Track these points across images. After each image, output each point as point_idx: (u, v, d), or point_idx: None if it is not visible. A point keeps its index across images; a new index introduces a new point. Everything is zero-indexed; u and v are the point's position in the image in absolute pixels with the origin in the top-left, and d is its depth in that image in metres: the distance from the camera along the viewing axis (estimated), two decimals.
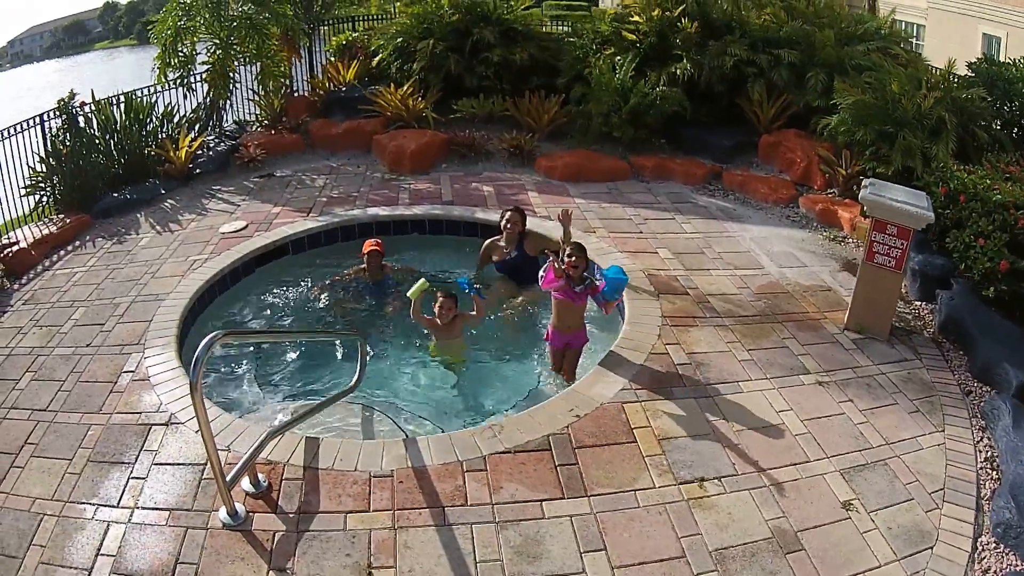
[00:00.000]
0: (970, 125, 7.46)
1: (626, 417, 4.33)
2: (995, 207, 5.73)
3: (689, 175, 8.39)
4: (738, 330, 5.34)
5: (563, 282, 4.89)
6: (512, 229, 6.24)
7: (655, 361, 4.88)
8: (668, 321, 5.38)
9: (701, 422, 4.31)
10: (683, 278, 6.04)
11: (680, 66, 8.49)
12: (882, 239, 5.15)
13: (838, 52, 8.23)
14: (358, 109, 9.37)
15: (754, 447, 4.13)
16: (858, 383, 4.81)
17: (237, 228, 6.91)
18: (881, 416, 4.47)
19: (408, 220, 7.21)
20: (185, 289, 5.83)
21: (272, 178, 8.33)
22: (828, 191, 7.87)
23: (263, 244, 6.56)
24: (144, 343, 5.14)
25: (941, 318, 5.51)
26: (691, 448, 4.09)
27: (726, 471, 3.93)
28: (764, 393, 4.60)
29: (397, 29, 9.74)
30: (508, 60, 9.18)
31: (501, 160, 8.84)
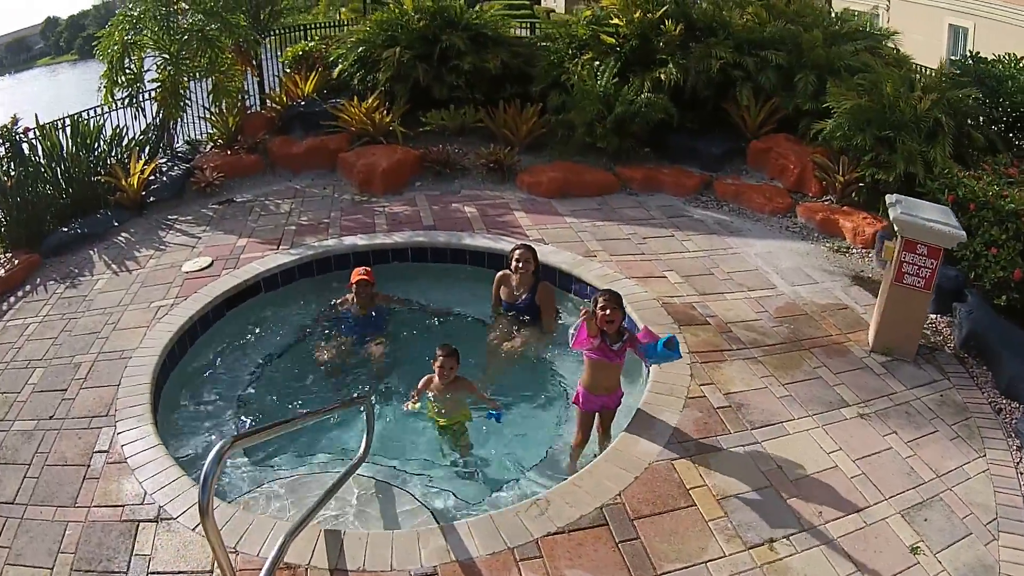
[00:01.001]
0: (965, 126, 7.43)
1: (678, 477, 4.14)
2: (1008, 215, 5.74)
3: (680, 186, 8.17)
4: (768, 362, 5.23)
5: (598, 340, 4.42)
6: (525, 269, 5.88)
7: (693, 406, 4.70)
8: (696, 357, 5.21)
9: (756, 474, 4.19)
10: (699, 305, 5.88)
11: (665, 71, 8.26)
12: (912, 259, 5.08)
13: (827, 53, 8.12)
14: (320, 125, 8.93)
15: (813, 496, 4.04)
16: (897, 412, 4.79)
17: (202, 266, 6.47)
18: (926, 446, 4.49)
19: (389, 249, 6.85)
20: (153, 344, 5.38)
21: (232, 204, 7.89)
22: (824, 198, 7.79)
23: (233, 285, 6.14)
24: (114, 414, 4.68)
25: (963, 334, 5.51)
26: (752, 505, 3.97)
27: (792, 527, 3.83)
28: (810, 433, 4.52)
29: (359, 37, 9.30)
30: (480, 68, 8.83)
31: (479, 176, 8.47)
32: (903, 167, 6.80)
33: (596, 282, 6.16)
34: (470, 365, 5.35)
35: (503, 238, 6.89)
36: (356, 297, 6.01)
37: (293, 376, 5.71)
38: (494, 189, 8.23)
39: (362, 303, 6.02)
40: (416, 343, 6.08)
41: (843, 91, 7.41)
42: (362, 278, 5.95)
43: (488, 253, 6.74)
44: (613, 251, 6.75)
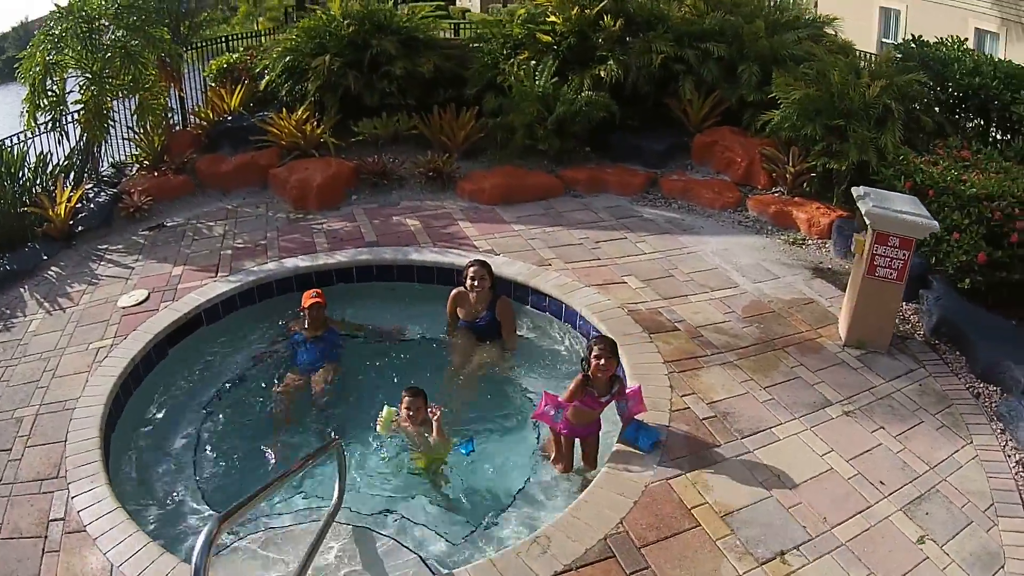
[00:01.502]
0: (914, 111, 7.43)
1: (678, 496, 3.96)
2: (969, 200, 5.78)
3: (625, 185, 8.00)
4: (745, 366, 5.10)
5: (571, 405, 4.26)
6: (481, 286, 5.64)
7: (680, 420, 4.53)
8: (673, 367, 5.02)
9: (754, 485, 4.07)
10: (665, 310, 5.72)
11: (606, 67, 8.10)
12: (884, 251, 5.04)
13: (770, 43, 8.06)
14: (249, 140, 8.56)
15: (815, 502, 3.96)
16: (881, 406, 4.75)
17: (138, 300, 6.05)
18: (914, 439, 4.46)
19: (332, 270, 6.49)
20: (96, 392, 4.94)
21: (163, 229, 7.47)
22: (774, 190, 7.73)
23: (173, 320, 5.73)
24: (65, 475, 4.23)
25: (933, 321, 5.55)
26: (757, 519, 3.85)
27: (800, 537, 3.73)
28: (800, 436, 4.42)
29: (285, 47, 8.88)
30: (412, 73, 8.55)
31: (418, 186, 8.15)
32: (856, 156, 6.76)
33: (555, 292, 5.97)
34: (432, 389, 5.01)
35: (451, 251, 6.62)
36: (308, 320, 5.71)
37: (248, 412, 5.35)
38: (434, 198, 7.91)
39: (315, 326, 5.72)
40: (370, 368, 5.78)
41: (789, 81, 7.33)
42: (315, 301, 5.68)
43: (437, 268, 6.49)
44: (567, 258, 6.53)
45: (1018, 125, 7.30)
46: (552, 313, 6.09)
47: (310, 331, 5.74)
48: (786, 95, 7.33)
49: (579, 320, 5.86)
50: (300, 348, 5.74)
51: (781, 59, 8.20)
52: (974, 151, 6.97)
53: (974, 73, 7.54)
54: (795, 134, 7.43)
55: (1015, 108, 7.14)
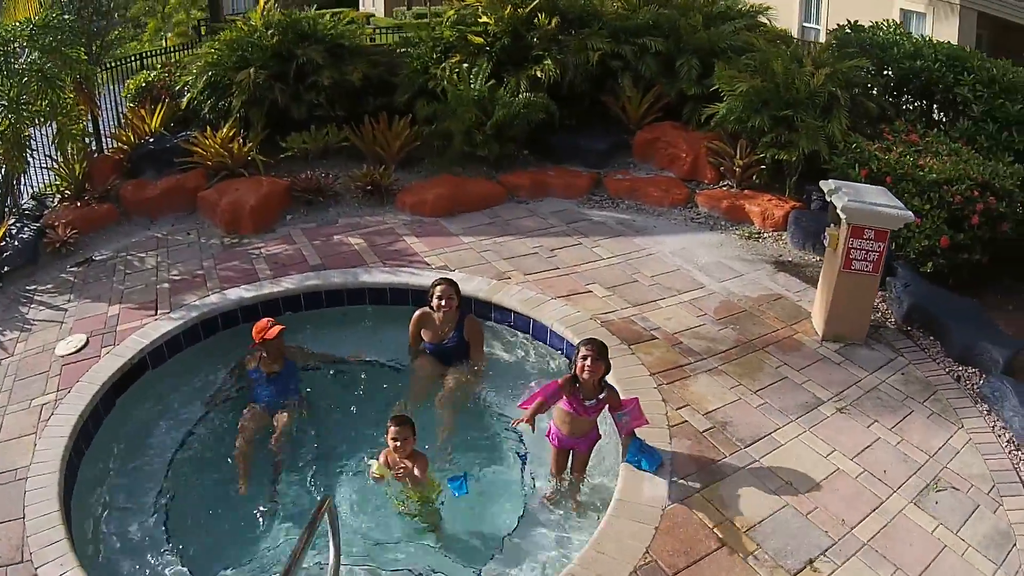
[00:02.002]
0: (858, 98, 7.41)
1: (697, 517, 3.85)
2: (929, 186, 5.88)
3: (570, 188, 7.78)
4: (731, 371, 5.04)
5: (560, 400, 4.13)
6: (448, 306, 5.31)
7: (680, 435, 4.42)
8: (660, 378, 4.90)
9: (769, 496, 4.03)
10: (638, 318, 5.60)
11: (544, 67, 7.89)
12: (859, 244, 5.05)
13: (708, 35, 8.00)
14: (173, 162, 8.06)
15: (830, 505, 3.97)
16: (870, 400, 4.81)
17: (77, 346, 5.58)
18: (909, 430, 4.54)
19: (279, 298, 6.10)
20: (47, 457, 4.42)
21: (92, 264, 6.96)
22: (722, 184, 7.66)
23: (117, 367, 5.26)
24: (31, 558, 3.75)
25: (903, 308, 5.65)
26: (779, 530, 3.81)
27: (824, 543, 3.73)
28: (800, 439, 4.40)
29: (206, 62, 8.39)
30: (340, 82, 8.18)
31: (355, 201, 7.75)
32: (807, 145, 6.74)
33: (520, 308, 5.74)
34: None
35: (403, 270, 6.28)
36: (265, 354, 5.29)
37: (213, 460, 4.90)
38: (374, 214, 7.53)
39: (271, 359, 5.30)
40: (332, 401, 5.42)
41: (733, 73, 7.26)
42: (268, 332, 5.22)
43: (390, 288, 6.17)
44: (525, 269, 6.28)
45: (962, 106, 7.33)
46: (518, 329, 5.83)
47: (267, 366, 5.31)
48: (730, 87, 7.28)
49: (550, 335, 5.61)
50: (258, 386, 5.30)
51: (720, 51, 8.12)
52: (921, 134, 7.03)
53: (915, 56, 7.57)
54: (741, 126, 7.37)
55: (959, 90, 7.17)
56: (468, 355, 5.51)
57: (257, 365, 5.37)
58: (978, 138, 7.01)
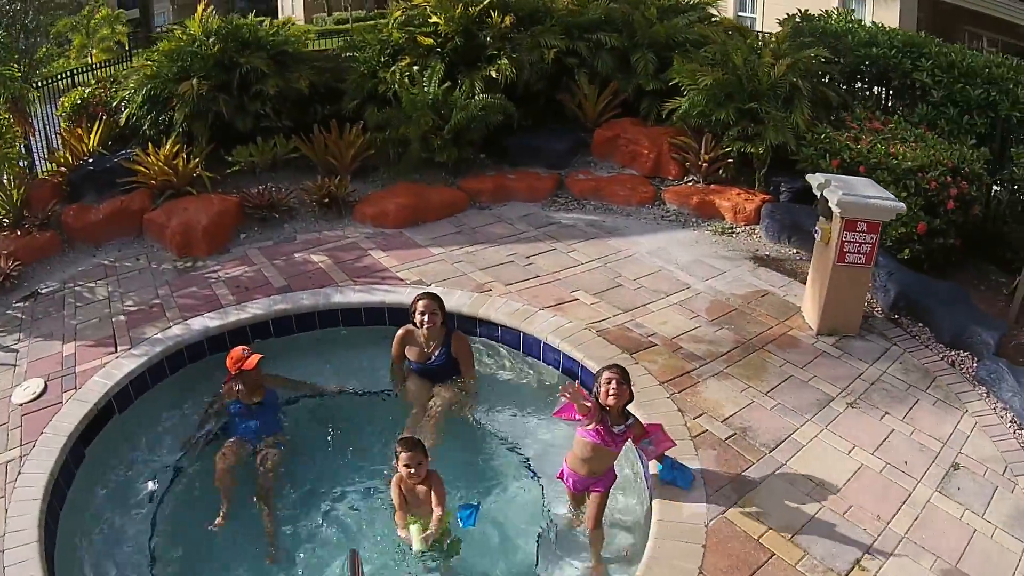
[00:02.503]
0: (818, 87, 7.43)
1: (742, 530, 3.81)
2: (904, 174, 5.97)
3: (533, 190, 7.61)
4: (737, 373, 5.02)
5: (592, 422, 3.95)
6: (432, 322, 5.06)
7: (705, 445, 4.37)
8: (670, 387, 4.83)
9: (804, 500, 4.04)
10: (632, 325, 5.50)
11: (499, 67, 7.67)
12: (852, 237, 5.09)
13: (664, 28, 7.92)
14: (115, 183, 7.59)
15: (863, 502, 4.02)
16: (877, 392, 4.88)
17: (35, 393, 5.14)
18: (919, 419, 4.66)
19: (247, 326, 5.75)
20: (23, 524, 4.01)
21: (39, 297, 6.51)
22: (686, 180, 7.61)
23: (82, 414, 4.83)
24: None
25: (890, 296, 5.74)
26: (821, 533, 3.83)
27: (865, 541, 3.77)
28: (820, 438, 4.43)
29: (144, 74, 7.94)
30: (285, 91, 7.86)
31: (311, 216, 7.43)
32: (774, 138, 6.76)
33: (509, 321, 5.54)
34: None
35: (376, 287, 6.01)
36: (243, 385, 4.95)
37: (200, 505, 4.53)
38: (333, 228, 7.21)
39: (250, 390, 4.97)
40: (318, 435, 5.09)
41: (695, 67, 7.20)
42: (245, 363, 4.89)
43: (364, 308, 5.89)
44: (505, 279, 6.10)
45: (919, 92, 7.39)
46: (507, 343, 5.61)
47: (247, 397, 4.97)
48: (692, 81, 7.19)
49: (543, 348, 5.41)
50: (239, 420, 4.95)
51: (675, 45, 8.03)
52: (883, 121, 7.10)
53: (870, 44, 7.61)
54: (705, 120, 7.30)
55: (916, 75, 7.22)
56: (456, 373, 5.25)
57: (236, 398, 5.00)
58: (938, 122, 7.07)
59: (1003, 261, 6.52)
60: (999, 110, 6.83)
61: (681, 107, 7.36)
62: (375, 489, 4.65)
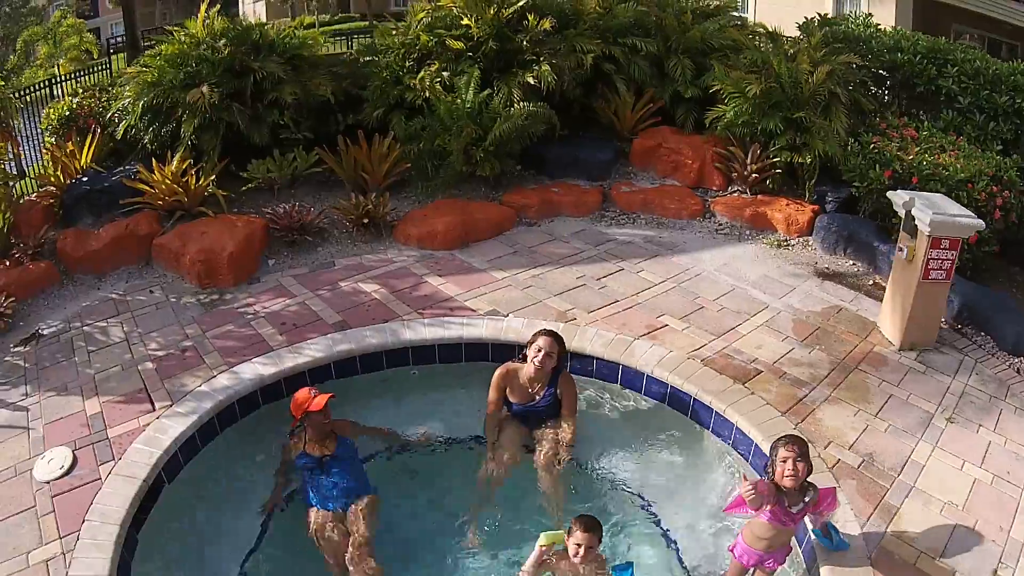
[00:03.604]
0: (854, 94, 7.74)
1: (900, 557, 4.29)
2: (956, 185, 6.40)
3: (580, 205, 7.53)
4: (844, 396, 5.34)
5: (769, 506, 3.96)
6: (545, 364, 4.92)
7: (842, 475, 4.76)
8: (792, 417, 5.12)
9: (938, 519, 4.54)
10: (731, 351, 5.70)
11: (540, 72, 7.63)
12: (936, 255, 5.59)
13: (700, 33, 8.11)
14: (113, 204, 7.19)
15: (984, 515, 4.54)
16: (966, 404, 5.36)
17: (63, 467, 4.64)
18: (1007, 429, 5.20)
19: (306, 371, 5.48)
20: None
21: (40, 339, 6.05)
22: (731, 190, 7.78)
23: (130, 495, 4.43)
24: None
25: (955, 307, 6.23)
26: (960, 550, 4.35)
27: (996, 551, 4.36)
28: (935, 457, 4.92)
29: (144, 81, 7.52)
30: (304, 99, 7.59)
31: (345, 237, 7.22)
32: (822, 147, 7.05)
33: (605, 354, 5.58)
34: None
35: (449, 321, 5.89)
36: (310, 434, 4.66)
37: None
38: (374, 251, 6.99)
39: (320, 438, 4.72)
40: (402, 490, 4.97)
41: (740, 74, 7.43)
42: (312, 404, 4.69)
43: (439, 344, 5.73)
44: (584, 305, 6.08)
45: (944, 98, 7.77)
46: (602, 378, 5.58)
47: (316, 448, 4.68)
48: (738, 89, 7.32)
49: (646, 382, 5.41)
50: (312, 477, 4.65)
51: (710, 50, 8.20)
52: (915, 128, 7.48)
53: (895, 49, 7.92)
54: (751, 130, 7.48)
55: (942, 82, 7.59)
56: (557, 415, 5.14)
57: (303, 450, 4.66)
58: (965, 128, 7.47)
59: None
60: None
61: (726, 116, 7.45)
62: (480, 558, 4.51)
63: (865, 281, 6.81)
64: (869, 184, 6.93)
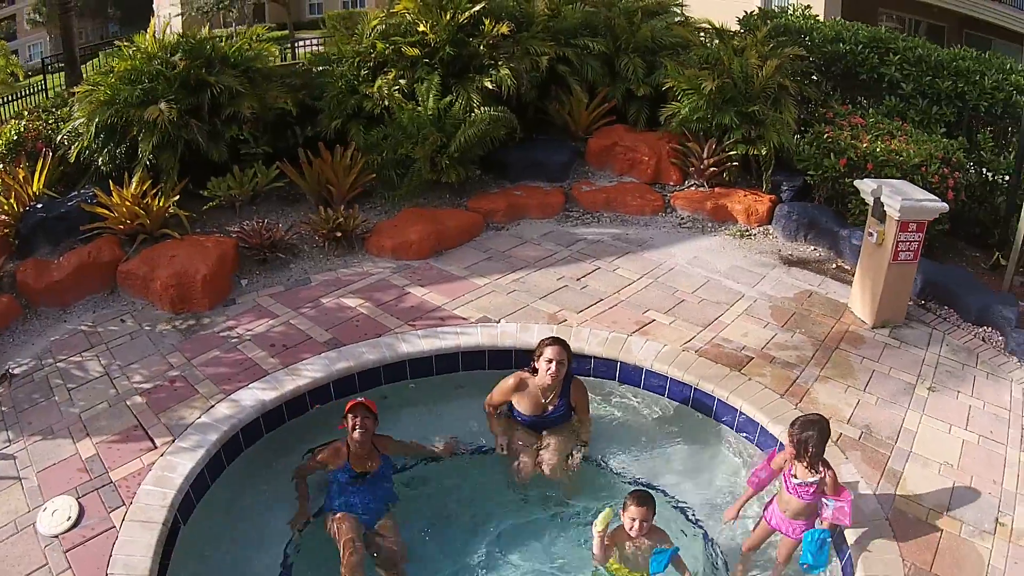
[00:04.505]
0: (802, 85, 8.15)
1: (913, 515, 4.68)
2: (911, 169, 6.85)
3: (545, 207, 7.70)
4: (832, 375, 5.72)
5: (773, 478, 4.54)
6: (559, 373, 4.97)
7: (847, 447, 5.15)
8: (790, 399, 5.47)
9: (941, 479, 4.97)
10: (720, 340, 6.01)
11: (499, 77, 7.77)
12: (905, 237, 5.99)
13: (649, 32, 8.38)
14: (70, 231, 6.98)
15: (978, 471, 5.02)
16: (942, 374, 5.80)
17: (70, 518, 4.48)
18: (982, 392, 5.69)
19: (306, 392, 5.48)
20: None
21: (12, 379, 5.85)
22: (687, 185, 8.09)
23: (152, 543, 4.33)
24: None
25: (918, 285, 6.65)
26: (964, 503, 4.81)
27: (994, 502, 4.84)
28: (924, 424, 5.36)
29: (98, 99, 7.32)
30: (262, 113, 7.50)
31: (318, 252, 7.23)
32: (776, 139, 7.41)
33: (603, 352, 5.84)
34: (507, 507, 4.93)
35: (442, 331, 5.99)
36: (356, 442, 4.64)
37: None
38: (348, 264, 7.00)
39: (365, 454, 4.69)
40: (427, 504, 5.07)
41: (695, 71, 7.73)
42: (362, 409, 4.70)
43: (435, 356, 5.84)
44: (572, 306, 6.26)
45: (886, 85, 8.24)
46: (600, 376, 5.78)
47: (361, 464, 4.64)
48: (692, 85, 7.61)
49: (645, 377, 5.65)
50: (342, 492, 4.60)
51: (660, 48, 8.54)
52: (860, 115, 7.88)
53: (837, 40, 8.30)
54: (706, 125, 7.79)
55: (885, 70, 8.02)
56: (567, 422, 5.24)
57: (347, 462, 4.62)
58: (908, 114, 7.91)
59: (971, 237, 7.63)
60: (967, 100, 7.69)
61: (681, 112, 7.69)
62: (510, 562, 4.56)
63: (829, 265, 7.14)
64: (824, 172, 7.24)
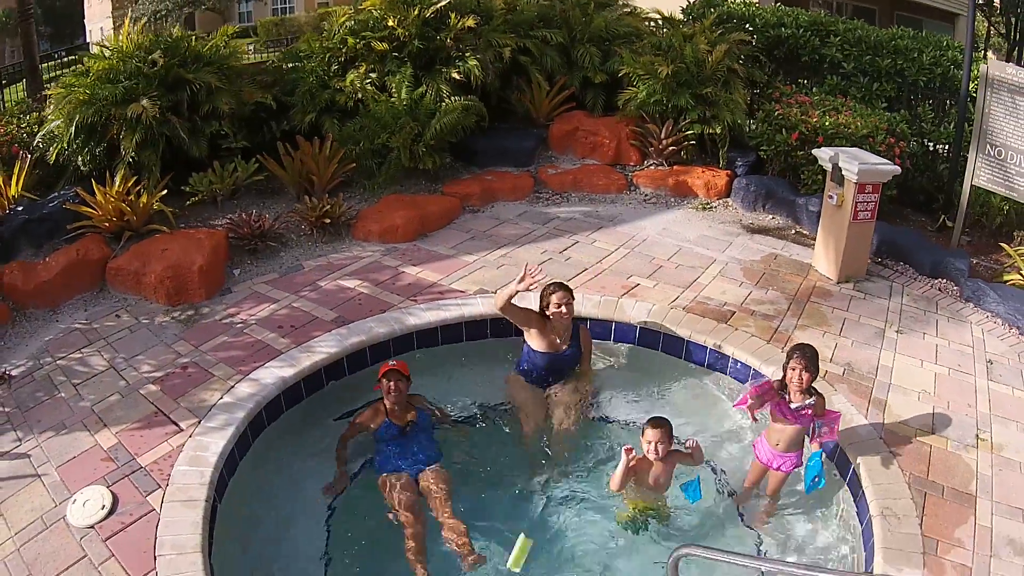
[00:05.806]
0: (749, 68, 8.71)
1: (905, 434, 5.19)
2: (859, 140, 7.42)
3: (516, 190, 8.03)
4: (810, 323, 6.15)
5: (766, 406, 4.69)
6: (567, 315, 5.36)
7: (834, 381, 5.64)
8: (776, 344, 5.91)
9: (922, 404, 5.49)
10: (703, 299, 6.43)
11: (467, 68, 8.16)
12: (862, 199, 6.51)
13: (603, 22, 8.84)
14: (54, 232, 6.99)
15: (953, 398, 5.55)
16: (908, 320, 6.31)
17: (104, 507, 4.51)
18: (946, 333, 6.19)
19: (321, 368, 5.72)
20: None
21: (12, 381, 5.87)
22: (647, 164, 8.60)
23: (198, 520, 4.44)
24: None
25: (874, 244, 7.20)
26: (947, 423, 5.32)
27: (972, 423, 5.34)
28: (898, 361, 5.90)
29: (77, 99, 7.37)
30: (238, 109, 7.68)
31: (307, 240, 7.42)
32: (730, 118, 7.91)
33: (598, 313, 6.29)
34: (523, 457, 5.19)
35: (445, 303, 6.31)
36: (391, 402, 4.94)
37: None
38: (337, 250, 7.19)
39: (403, 408, 4.99)
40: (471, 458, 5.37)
41: (650, 58, 8.23)
42: (395, 374, 4.99)
43: (441, 326, 6.21)
44: (559, 276, 6.45)
45: (828, 65, 8.85)
46: (596, 337, 6.09)
47: (399, 417, 4.94)
48: (649, 72, 8.08)
49: (638, 333, 6.09)
50: (388, 447, 4.87)
51: (613, 37, 9.01)
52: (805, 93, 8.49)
53: (779, 25, 8.86)
54: (662, 107, 8.26)
55: (826, 51, 8.60)
56: (573, 367, 5.64)
57: (388, 419, 4.90)
58: (850, 91, 8.48)
59: (916, 203, 8.36)
60: (907, 76, 8.28)
61: (638, 96, 8.13)
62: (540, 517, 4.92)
63: (788, 231, 7.64)
64: (777, 147, 7.72)
